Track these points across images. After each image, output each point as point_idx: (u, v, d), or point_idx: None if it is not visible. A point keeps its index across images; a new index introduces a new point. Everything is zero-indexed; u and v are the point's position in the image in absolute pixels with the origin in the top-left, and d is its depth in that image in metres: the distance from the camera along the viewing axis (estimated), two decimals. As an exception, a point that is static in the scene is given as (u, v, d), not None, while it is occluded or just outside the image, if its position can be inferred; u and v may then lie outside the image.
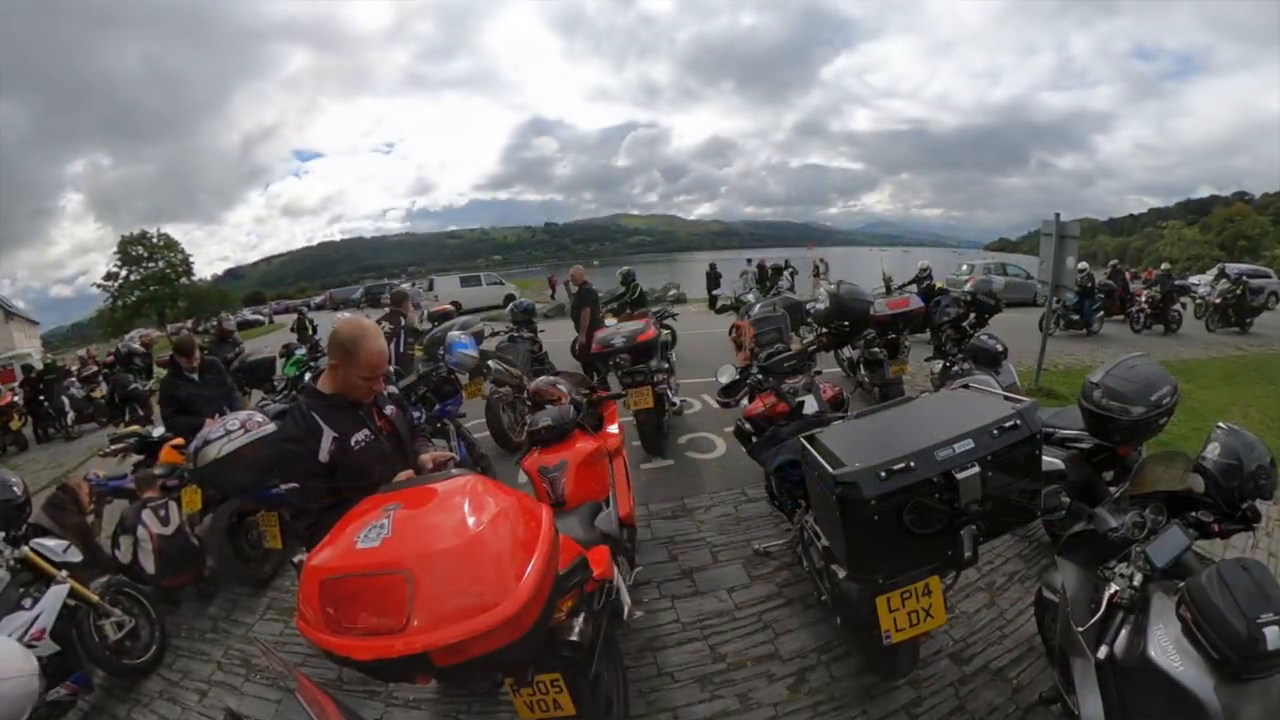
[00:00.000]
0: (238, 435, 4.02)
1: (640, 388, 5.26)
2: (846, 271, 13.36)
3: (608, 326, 5.93)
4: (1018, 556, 3.59)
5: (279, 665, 1.19)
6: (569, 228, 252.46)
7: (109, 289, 50.85)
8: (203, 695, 3.46)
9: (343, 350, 2.19)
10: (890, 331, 6.16)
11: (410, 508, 1.65)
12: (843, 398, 3.80)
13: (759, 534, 4.00)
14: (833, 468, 1.98)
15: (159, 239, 52.82)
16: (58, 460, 10.24)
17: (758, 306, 5.98)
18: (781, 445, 3.14)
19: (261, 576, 4.38)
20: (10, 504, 3.67)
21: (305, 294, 64.76)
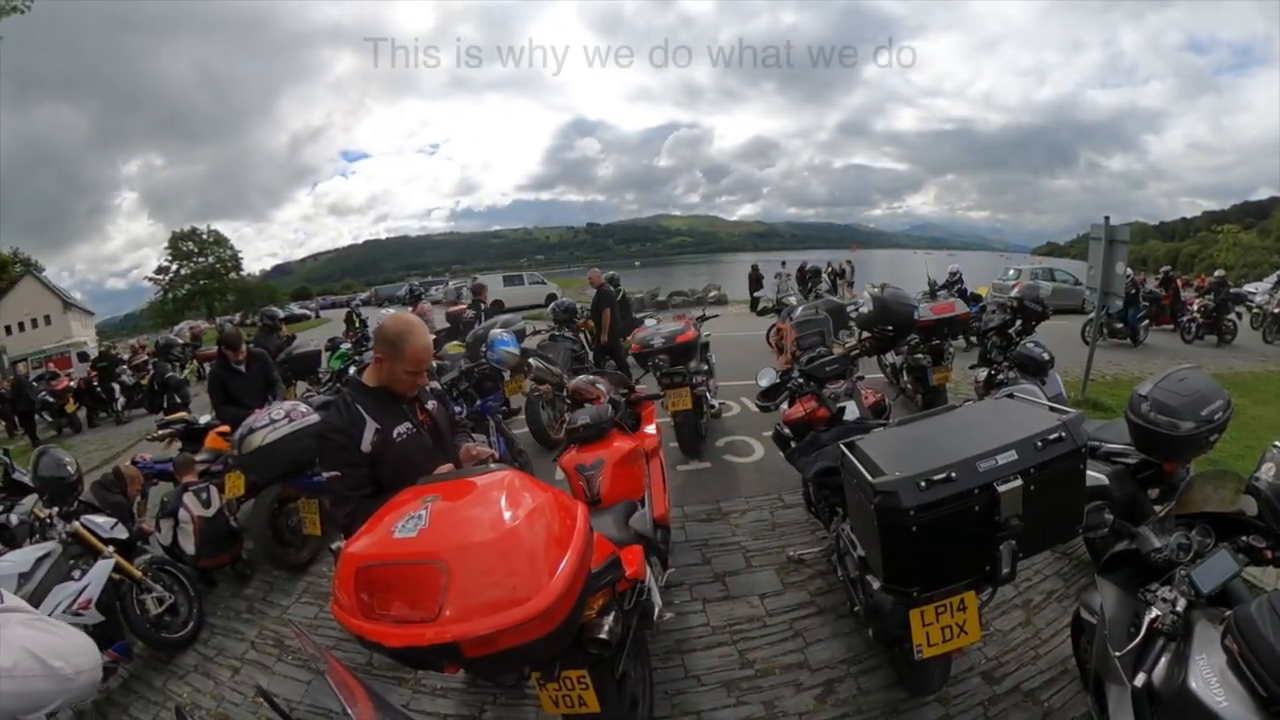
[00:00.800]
0: (282, 425, 4.24)
1: (679, 389, 5.29)
2: (891, 275, 13.13)
3: (647, 327, 5.93)
4: (1056, 574, 3.51)
5: (311, 647, 1.24)
6: (611, 228, 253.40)
7: (160, 282, 54.36)
8: (235, 672, 3.63)
9: (389, 345, 2.27)
10: (934, 337, 6.07)
11: (448, 500, 1.70)
12: (884, 404, 3.77)
13: (794, 541, 3.99)
14: (872, 476, 1.96)
15: (209, 235, 56.13)
16: (108, 443, 10.93)
17: (800, 309, 5.93)
18: (821, 451, 3.12)
19: (299, 561, 4.55)
20: (64, 481, 3.96)
21: (351, 290, 66.87)
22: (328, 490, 2.34)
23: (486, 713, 2.93)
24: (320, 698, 3.19)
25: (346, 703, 1.13)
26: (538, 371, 5.30)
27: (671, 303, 22.77)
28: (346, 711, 1.11)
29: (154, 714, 3.41)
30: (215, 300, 52.56)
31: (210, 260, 54.99)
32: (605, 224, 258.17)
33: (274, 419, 4.26)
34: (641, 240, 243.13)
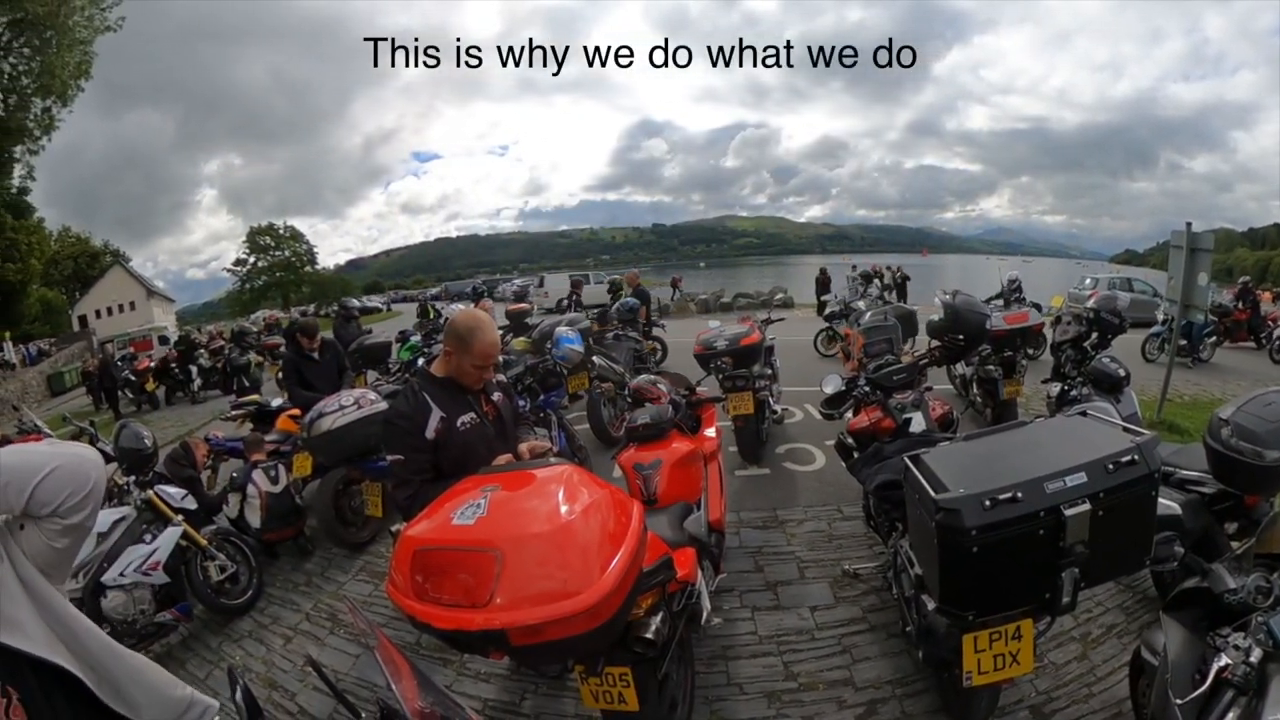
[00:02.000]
0: (350, 411, 4.52)
1: (741, 393, 5.27)
2: (963, 281, 12.62)
3: (711, 328, 5.95)
4: (1119, 608, 3.35)
5: (363, 623, 1.32)
6: (677, 229, 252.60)
7: (238, 274, 57.12)
8: (287, 640, 3.89)
9: (459, 339, 2.39)
10: (1007, 348, 5.89)
11: (507, 490, 1.78)
12: (952, 417, 3.69)
13: (850, 554, 3.95)
14: (935, 492, 1.93)
15: (285, 230, 58.78)
16: (184, 420, 11.96)
17: (868, 315, 5.83)
18: (883, 464, 3.08)
19: (359, 541, 4.83)
20: (141, 453, 4.29)
21: (422, 285, 69.68)
22: (391, 474, 2.47)
23: (527, 701, 3.03)
24: (367, 672, 3.37)
25: (391, 678, 1.18)
26: (600, 369, 5.44)
27: (736, 305, 22.68)
28: (390, 687, 1.16)
29: (207, 672, 3.71)
30: (290, 292, 55.51)
31: (286, 254, 57.96)
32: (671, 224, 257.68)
33: (343, 405, 4.55)
34: (707, 241, 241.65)
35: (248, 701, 1.42)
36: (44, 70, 22.53)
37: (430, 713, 1.20)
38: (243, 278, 56.75)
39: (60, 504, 1.17)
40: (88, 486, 1.21)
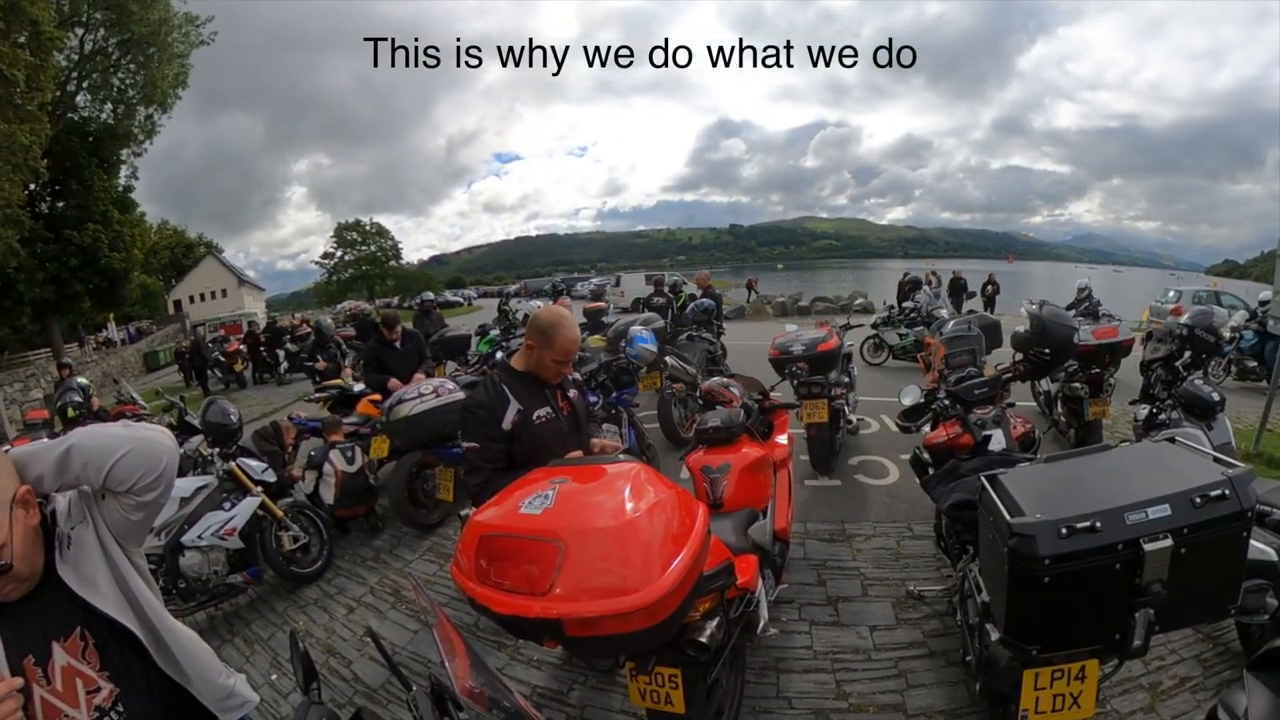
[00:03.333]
0: (429, 399, 4.80)
1: (815, 400, 5.23)
2: (1050, 291, 11.97)
3: (788, 331, 5.93)
4: (1196, 659, 3.12)
5: (425, 601, 1.40)
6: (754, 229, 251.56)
7: (325, 266, 62.52)
8: (350, 611, 4.17)
9: (541, 334, 2.50)
10: (1094, 365, 5.56)
11: (576, 483, 1.84)
12: (1033, 437, 3.56)
13: (916, 575, 3.88)
14: (1010, 515, 1.88)
15: (371, 227, 63.84)
16: (269, 400, 13.08)
17: (950, 323, 5.65)
18: (959, 482, 2.99)
19: (428, 522, 5.11)
20: (226, 428, 4.67)
21: (502, 281, 73.18)
22: (464, 460, 2.60)
23: (574, 692, 3.12)
24: (423, 648, 3.57)
25: (446, 656, 1.23)
26: (673, 370, 5.50)
27: (814, 309, 22.29)
28: (444, 664, 1.21)
29: (271, 633, 4.02)
30: (375, 285, 60.17)
31: (372, 249, 62.63)
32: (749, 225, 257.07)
33: (422, 393, 4.83)
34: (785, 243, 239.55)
35: (305, 664, 1.52)
36: (147, 82, 25.30)
37: (479, 693, 1.24)
38: (330, 270, 61.85)
39: (135, 483, 1.29)
40: (159, 468, 1.33)
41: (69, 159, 23.71)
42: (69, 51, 22.72)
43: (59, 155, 22.30)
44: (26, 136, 18.14)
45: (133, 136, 26.81)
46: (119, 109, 25.84)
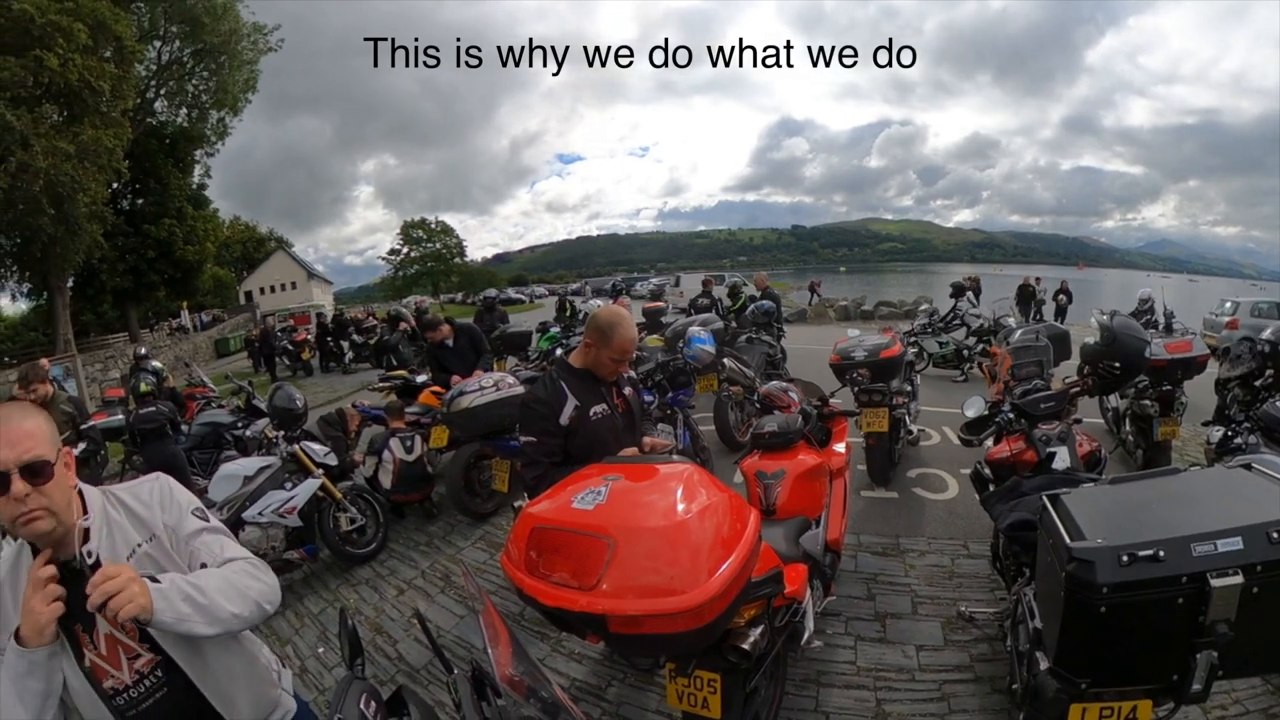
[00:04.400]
0: (489, 392, 4.98)
1: (876, 409, 5.13)
2: (1121, 300, 11.30)
3: (849, 336, 5.85)
4: (1262, 713, 2.85)
5: (473, 588, 1.44)
6: (817, 231, 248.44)
7: (391, 262, 66.42)
8: (400, 592, 4.35)
9: (600, 333, 2.57)
10: (1166, 381, 5.24)
11: (629, 481, 1.87)
12: (1099, 455, 3.41)
13: (969, 596, 3.78)
14: (1070, 538, 1.80)
15: (437, 225, 67.54)
16: (334, 388, 13.72)
17: (1018, 333, 5.44)
18: (1020, 500, 2.88)
19: (483, 512, 5.29)
20: (291, 412, 4.94)
21: (564, 280, 75.35)
22: (521, 453, 2.69)
23: (612, 688, 3.16)
24: (468, 633, 3.68)
25: (489, 642, 1.27)
26: (730, 372, 5.51)
27: (878, 313, 21.73)
28: (487, 650, 1.25)
29: (322, 609, 4.23)
30: (440, 280, 63.04)
31: (437, 246, 66.13)
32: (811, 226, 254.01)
33: (483, 387, 5.01)
34: (849, 245, 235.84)
35: (352, 640, 1.59)
36: (218, 88, 27.92)
37: (519, 681, 1.27)
38: (396, 266, 65.55)
39: None
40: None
41: (147, 160, 26.27)
42: (148, 63, 25.34)
43: (138, 156, 24.71)
44: (110, 140, 20.29)
45: (206, 138, 29.57)
46: (193, 113, 28.53)
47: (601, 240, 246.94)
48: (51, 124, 19.04)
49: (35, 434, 1.30)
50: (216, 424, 6.76)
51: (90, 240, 21.31)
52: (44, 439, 1.31)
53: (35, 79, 17.92)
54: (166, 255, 28.35)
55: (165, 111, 28.23)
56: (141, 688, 1.42)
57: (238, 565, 1.47)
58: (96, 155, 19.88)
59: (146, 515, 1.48)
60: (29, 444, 1.29)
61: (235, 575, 1.43)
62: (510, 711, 1.23)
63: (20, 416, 1.32)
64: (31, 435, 1.30)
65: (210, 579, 1.38)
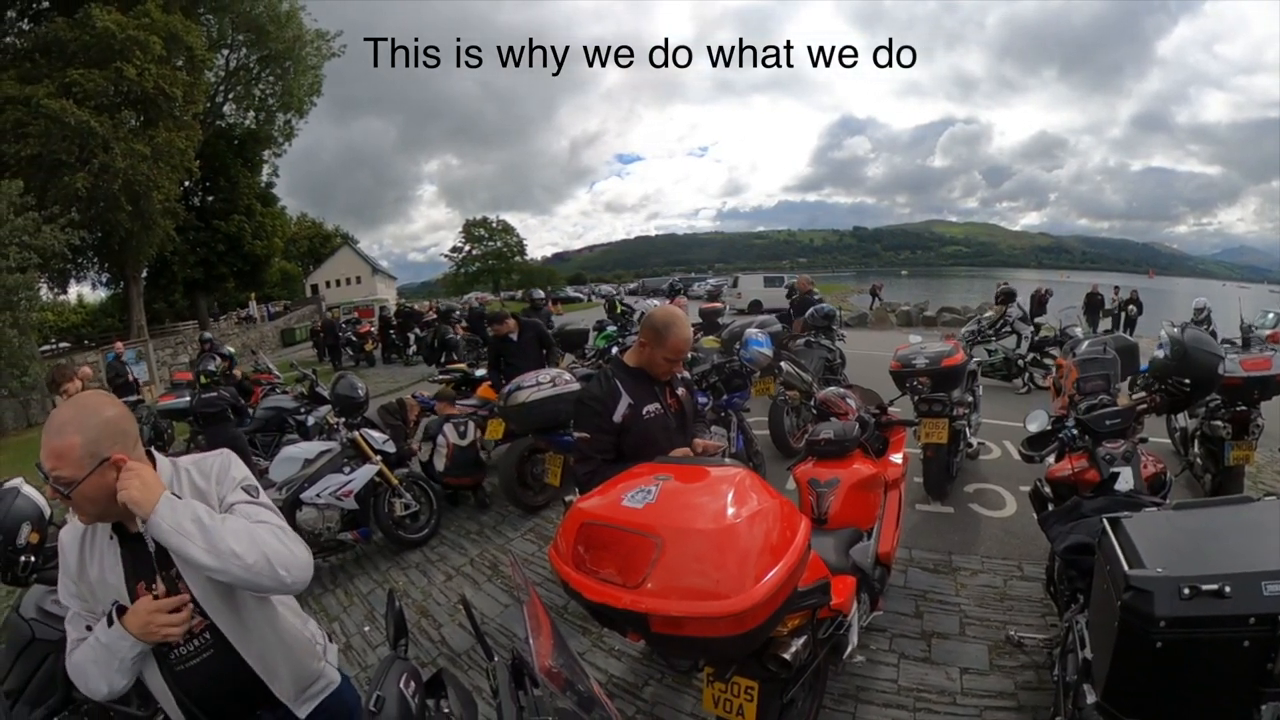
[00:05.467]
0: (545, 388, 5.07)
1: (936, 419, 4.97)
2: (1192, 312, 10.66)
3: (911, 343, 5.73)
4: None
5: (520, 578, 1.46)
6: (879, 232, 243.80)
7: (453, 259, 69.74)
8: (448, 578, 4.50)
9: (655, 332, 2.59)
10: (1241, 401, 4.85)
11: (680, 482, 1.87)
12: (1164, 479, 3.23)
13: (1019, 619, 3.66)
14: (1128, 565, 1.71)
15: (497, 224, 70.39)
16: (395, 378, 14.32)
17: (1085, 344, 5.19)
18: (1079, 522, 2.76)
19: (534, 504, 5.43)
20: (353, 400, 5.13)
21: (621, 280, 76.64)
22: (574, 449, 2.72)
23: (648, 688, 3.18)
24: (510, 622, 3.77)
25: (531, 633, 1.27)
26: (787, 376, 5.43)
27: (941, 320, 21.01)
28: (528, 640, 1.26)
29: (371, 589, 4.41)
30: (500, 278, 65.22)
31: (498, 245, 69.14)
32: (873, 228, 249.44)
33: (539, 382, 5.11)
34: (912, 247, 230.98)
35: (398, 621, 1.65)
36: (284, 92, 29.81)
37: (556, 673, 1.28)
38: (458, 263, 68.70)
39: None
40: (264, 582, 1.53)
41: (217, 160, 28.18)
42: (217, 69, 27.34)
43: (209, 157, 26.55)
44: (182, 142, 22.15)
45: (273, 139, 31.51)
46: (260, 116, 30.51)
47: (660, 240, 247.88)
48: (129, 128, 20.98)
49: (63, 455, 1.41)
50: (280, 409, 7.07)
51: (163, 234, 23.19)
52: (70, 461, 1.40)
53: (115, 88, 19.77)
54: (236, 249, 30.49)
55: (234, 114, 30.33)
56: (190, 646, 1.55)
57: (265, 526, 1.54)
58: (170, 156, 21.69)
59: (205, 487, 1.59)
60: (54, 462, 1.41)
61: (256, 528, 1.50)
62: (546, 702, 1.24)
63: (57, 432, 1.42)
64: (59, 456, 1.41)
65: (230, 521, 1.48)
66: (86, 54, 19.46)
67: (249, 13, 26.31)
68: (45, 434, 1.42)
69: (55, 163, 18.87)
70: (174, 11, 21.77)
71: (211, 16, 25.87)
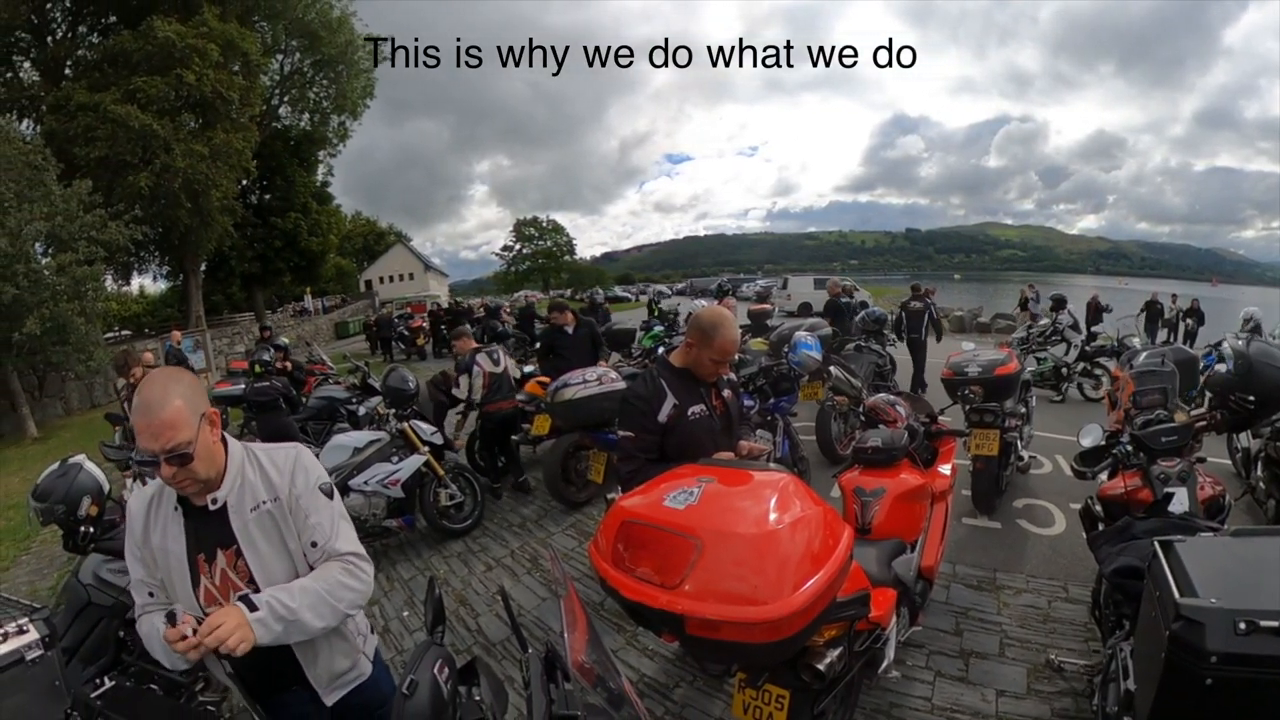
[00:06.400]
0: (591, 386, 5.18)
1: (987, 430, 4.81)
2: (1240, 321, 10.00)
3: (964, 350, 5.57)
4: None
5: (559, 572, 1.46)
6: (932, 235, 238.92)
7: (504, 258, 71.58)
8: (489, 569, 4.59)
9: (701, 333, 2.58)
10: None
11: (722, 485, 1.86)
12: (1223, 502, 3.05)
13: (1061, 643, 3.52)
14: (1179, 593, 1.60)
15: (548, 223, 72.17)
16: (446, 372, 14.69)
17: (1143, 355, 4.93)
18: (1130, 544, 2.62)
19: (576, 500, 5.50)
20: (403, 393, 5.26)
21: (669, 280, 77.49)
22: (618, 447, 2.72)
23: (680, 689, 3.17)
24: (547, 616, 3.82)
25: (567, 627, 1.28)
26: (836, 381, 5.36)
27: (995, 326, 20.21)
28: (563, 634, 1.27)
29: (412, 575, 4.53)
30: (550, 277, 66.88)
31: (548, 244, 70.80)
32: (926, 230, 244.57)
33: (586, 380, 5.22)
34: (966, 250, 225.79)
35: (436, 608, 1.68)
36: (338, 94, 30.86)
37: (589, 668, 1.27)
38: (509, 262, 70.52)
39: None
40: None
41: (274, 160, 29.46)
42: (272, 73, 28.62)
43: (266, 157, 27.81)
44: (240, 143, 23.40)
45: (328, 140, 32.61)
46: (315, 118, 31.63)
47: (709, 240, 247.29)
48: (189, 130, 22.32)
49: (175, 423, 1.47)
50: (332, 399, 7.28)
51: (221, 230, 24.57)
52: (183, 424, 1.48)
53: (176, 93, 21.15)
54: (292, 245, 31.82)
55: (289, 116, 31.60)
56: None
57: (337, 569, 1.64)
58: (227, 156, 22.98)
59: (276, 479, 1.66)
60: (169, 434, 1.46)
61: (330, 585, 1.61)
62: (576, 697, 1.25)
63: (159, 406, 1.47)
64: (172, 426, 1.47)
65: (303, 596, 1.57)
66: (149, 62, 20.83)
67: (301, 19, 27.44)
68: (144, 415, 1.46)
69: (120, 163, 20.21)
70: (230, 20, 23.09)
71: (266, 23, 27.09)
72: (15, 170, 12.74)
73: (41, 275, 12.62)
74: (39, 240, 13.06)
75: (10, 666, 1.58)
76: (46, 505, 2.71)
